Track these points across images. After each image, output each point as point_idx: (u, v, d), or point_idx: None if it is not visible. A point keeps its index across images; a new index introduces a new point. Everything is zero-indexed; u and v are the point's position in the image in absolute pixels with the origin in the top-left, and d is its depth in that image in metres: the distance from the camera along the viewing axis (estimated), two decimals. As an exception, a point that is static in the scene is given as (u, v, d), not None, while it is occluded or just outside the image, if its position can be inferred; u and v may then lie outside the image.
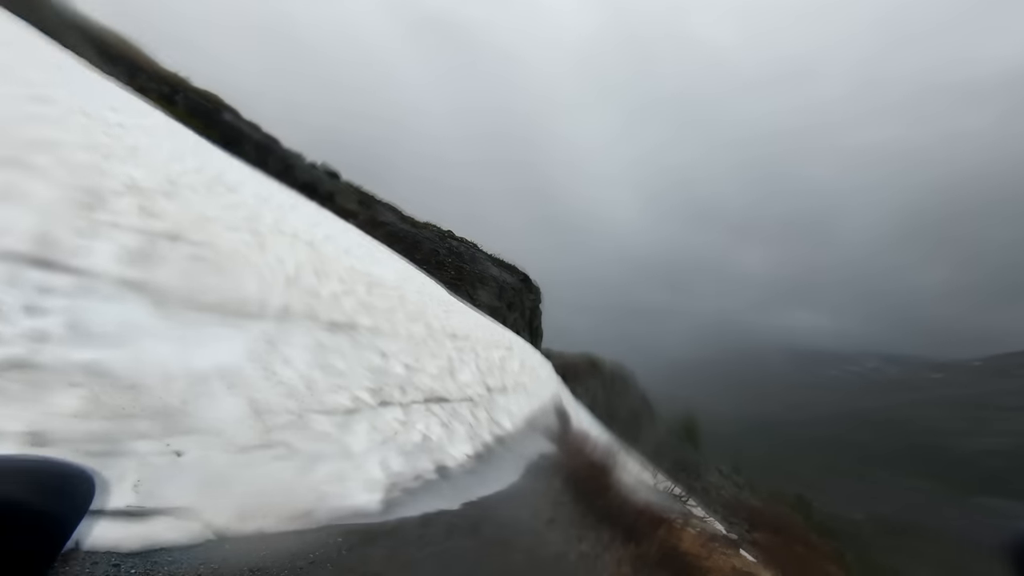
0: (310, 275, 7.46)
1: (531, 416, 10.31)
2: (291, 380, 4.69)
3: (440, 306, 14.64)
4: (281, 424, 4.05)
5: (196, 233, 6.06)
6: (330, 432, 4.46)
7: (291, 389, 4.57)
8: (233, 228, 7.22)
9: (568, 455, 8.39)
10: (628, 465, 10.95)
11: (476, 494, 5.37)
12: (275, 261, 7.00)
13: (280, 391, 4.43)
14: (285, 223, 10.33)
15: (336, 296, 7.40)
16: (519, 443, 8.26)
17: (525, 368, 14.74)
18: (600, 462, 8.44)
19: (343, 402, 5.03)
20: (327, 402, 4.82)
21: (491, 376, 10.33)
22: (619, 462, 9.46)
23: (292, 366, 4.91)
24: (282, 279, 6.54)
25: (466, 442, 6.60)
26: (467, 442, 6.63)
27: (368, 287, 9.29)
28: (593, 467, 7.98)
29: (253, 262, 6.35)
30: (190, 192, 7.91)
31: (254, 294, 5.51)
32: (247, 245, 6.84)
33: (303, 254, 8.53)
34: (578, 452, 8.82)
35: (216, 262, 5.63)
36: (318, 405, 4.68)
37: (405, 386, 6.62)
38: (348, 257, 11.31)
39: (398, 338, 7.89)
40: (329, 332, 6.16)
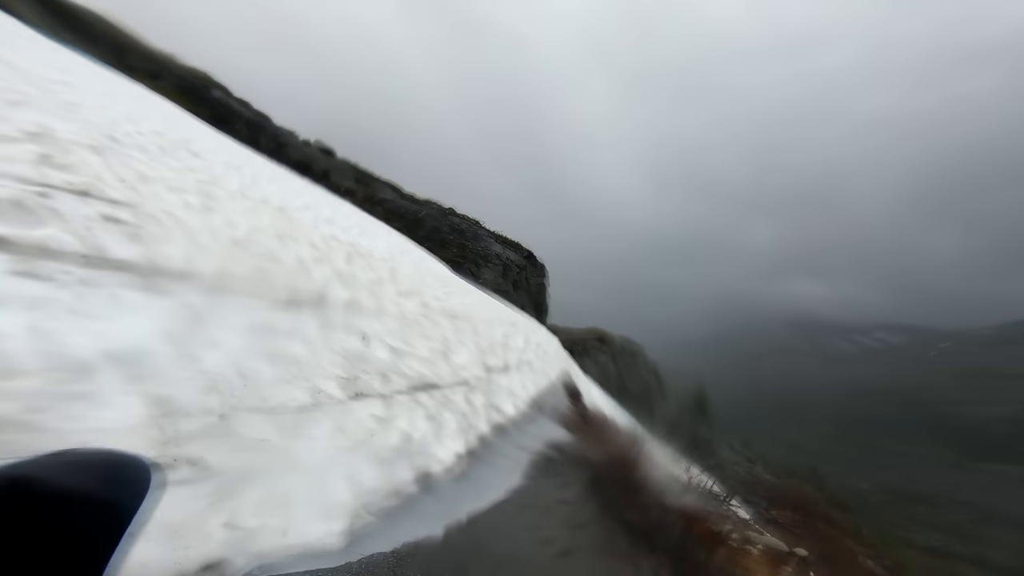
0: (270, 239, 6.23)
1: (537, 396, 9.15)
2: (219, 369, 3.50)
3: (439, 283, 13.44)
4: (190, 432, 2.87)
5: (119, 192, 4.85)
6: (269, 439, 3.27)
7: (216, 381, 3.39)
8: (176, 190, 5.98)
9: (584, 444, 7.23)
10: (655, 453, 9.80)
11: (466, 509, 4.22)
12: (223, 224, 5.78)
13: (199, 384, 3.25)
14: (253, 189, 9.08)
15: (303, 263, 6.18)
16: (523, 431, 7.11)
17: (530, 344, 13.56)
18: (624, 453, 7.28)
19: (296, 397, 3.85)
20: (271, 398, 3.64)
21: (492, 355, 9.15)
22: (646, 451, 8.33)
23: (223, 350, 3.71)
24: (226, 242, 5.32)
25: (457, 437, 5.44)
26: (458, 437, 5.47)
27: (348, 257, 8.06)
28: (617, 461, 6.81)
29: (190, 225, 5.13)
30: (136, 151, 6.67)
31: (177, 258, 4.30)
32: (188, 207, 5.61)
33: (267, 218, 7.29)
34: (596, 440, 7.66)
35: (135, 223, 4.42)
36: (256, 402, 3.49)
37: (389, 373, 5.44)
38: (330, 227, 10.07)
39: (385, 316, 6.69)
40: (286, 308, 4.96)
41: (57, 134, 5.42)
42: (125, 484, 0.50)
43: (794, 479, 44.64)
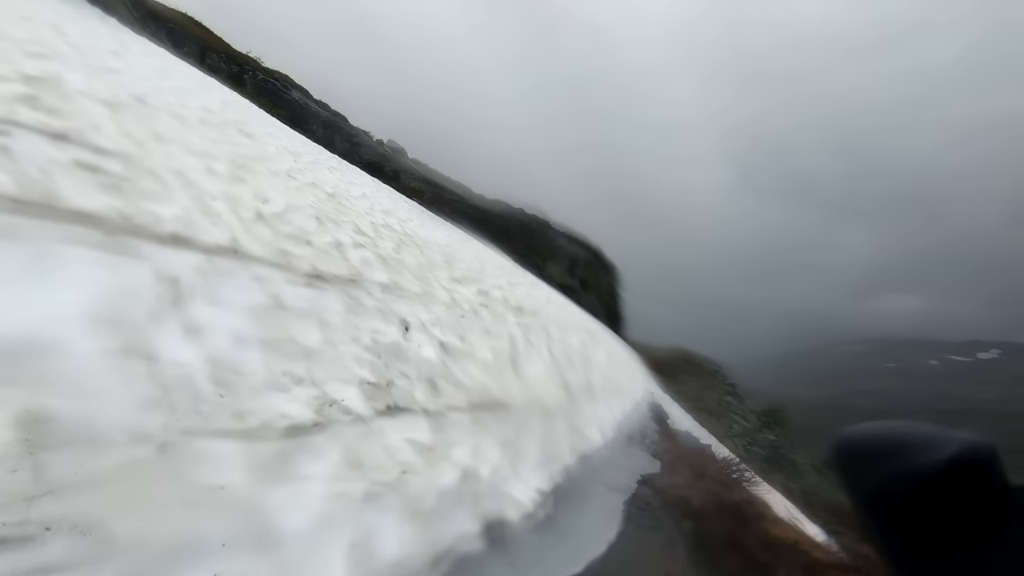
0: (307, 219, 5.16)
1: (624, 422, 7.64)
2: (182, 370, 2.35)
3: (502, 273, 12.19)
4: (81, 476, 1.70)
5: (114, 142, 3.91)
6: (229, 485, 2.06)
7: (171, 389, 2.23)
8: (201, 154, 5.05)
9: (681, 480, 5.65)
10: (767, 491, 7.98)
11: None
12: (251, 197, 4.76)
13: (138, 394, 2.10)
14: (306, 174, 8.20)
15: (340, 247, 5.05)
16: (611, 463, 5.65)
17: (613, 359, 11.99)
18: (734, 494, 5.63)
19: (291, 412, 2.63)
20: (251, 414, 2.43)
21: (571, 368, 7.71)
22: (757, 489, 6.63)
23: (201, 340, 2.57)
24: (248, 214, 4.26)
25: (537, 470, 4.09)
26: (539, 469, 4.11)
27: (399, 245, 6.92)
28: (727, 504, 5.20)
29: (203, 189, 4.12)
30: (166, 115, 5.87)
31: (169, 219, 3.24)
32: (209, 173, 4.63)
33: (311, 199, 6.29)
34: (694, 474, 6.05)
35: (123, 175, 3.43)
36: (226, 421, 2.30)
37: (439, 381, 4.17)
38: (385, 217, 9.06)
39: (433, 303, 5.44)
40: (306, 283, 3.81)
41: (64, 83, 4.62)
42: None
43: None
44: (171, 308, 2.64)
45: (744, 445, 33.45)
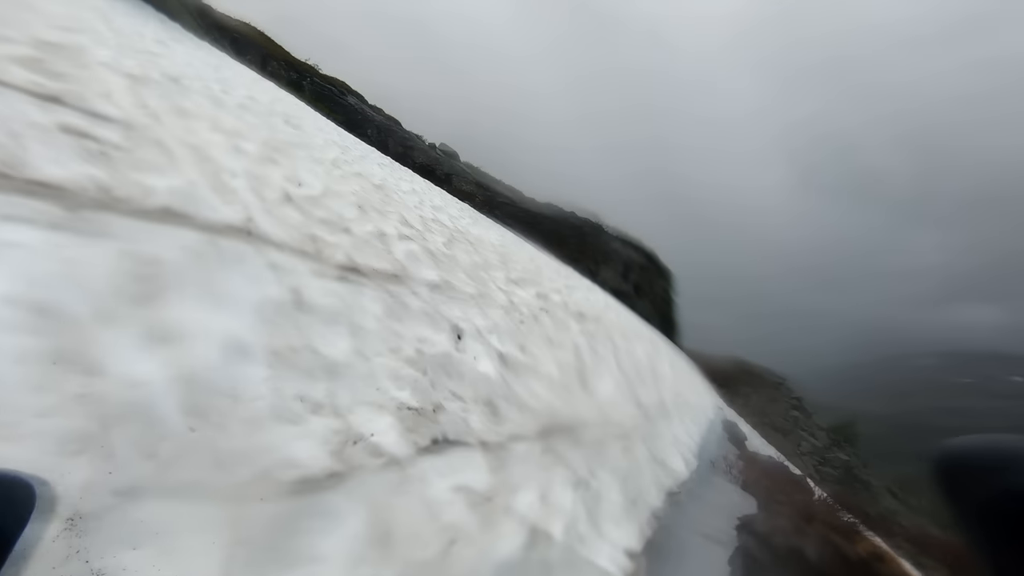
0: (347, 206, 4.47)
1: (703, 446, 6.57)
2: (149, 380, 1.62)
3: (559, 276, 11.29)
4: None
5: (121, 111, 3.32)
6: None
7: (126, 411, 1.50)
8: (227, 132, 4.45)
9: (790, 525, 4.57)
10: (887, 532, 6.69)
11: None
12: (282, 179, 4.10)
13: (82, 417, 1.38)
14: (353, 165, 7.62)
15: (383, 238, 4.31)
16: (700, 500, 4.65)
17: (678, 372, 10.85)
18: (857, 545, 4.50)
19: (302, 456, 1.84)
20: (239, 458, 1.66)
21: (641, 384, 6.72)
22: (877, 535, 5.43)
23: (180, 343, 1.84)
24: (274, 196, 3.58)
25: (622, 520, 3.18)
26: (624, 519, 3.20)
27: (450, 240, 6.16)
28: (853, 560, 4.10)
29: (219, 164, 3.47)
30: (199, 96, 5.37)
31: (163, 192, 2.56)
32: (233, 151, 4.01)
33: (355, 187, 5.63)
34: (804, 518, 4.94)
35: (119, 144, 2.81)
36: (199, 470, 1.55)
37: (499, 402, 3.33)
38: (437, 213, 8.37)
39: (490, 306, 4.62)
40: (338, 279, 3.05)
41: (86, 54, 4.13)
42: (5, 505, 0.43)
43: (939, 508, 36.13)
44: (138, 301, 1.91)
45: (814, 465, 31.00)
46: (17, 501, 0.45)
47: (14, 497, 0.46)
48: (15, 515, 0.44)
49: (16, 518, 0.44)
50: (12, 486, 0.47)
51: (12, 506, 0.45)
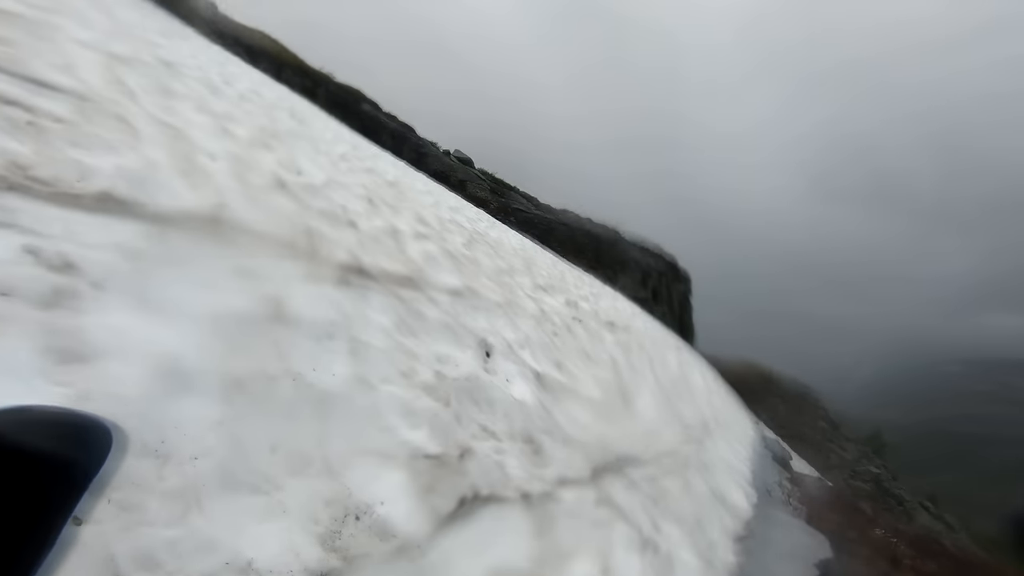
0: (353, 199, 3.84)
1: (755, 471, 5.84)
2: None
3: (583, 283, 10.60)
4: None
5: (82, 85, 2.73)
6: None
7: None
8: (212, 114, 3.86)
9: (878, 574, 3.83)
10: None
11: None
12: (277, 164, 3.48)
13: None
14: (364, 162, 7.03)
15: (396, 235, 3.67)
16: (772, 546, 3.91)
17: (708, 383, 10.08)
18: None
19: (265, 552, 1.20)
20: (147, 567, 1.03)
21: (680, 399, 6.01)
22: (922, 555, 4.65)
23: (84, 366, 1.21)
24: (263, 182, 2.95)
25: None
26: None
27: (470, 241, 5.51)
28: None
29: (194, 143, 2.86)
30: (194, 81, 4.80)
31: (107, 172, 1.95)
32: (219, 133, 3.41)
33: (364, 180, 5.02)
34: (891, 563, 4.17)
35: (64, 118, 2.22)
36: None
37: (539, 437, 2.64)
38: (454, 214, 7.74)
39: (519, 315, 3.95)
40: (337, 283, 2.40)
41: (59, 31, 3.56)
42: (84, 445, 0.46)
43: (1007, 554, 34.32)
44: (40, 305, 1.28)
45: (845, 479, 29.79)
46: (96, 442, 0.48)
47: (95, 438, 0.49)
48: (93, 454, 0.47)
49: (95, 457, 0.47)
50: (94, 428, 0.50)
51: (91, 446, 0.47)
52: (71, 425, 0.49)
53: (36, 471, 0.41)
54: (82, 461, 0.46)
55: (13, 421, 0.44)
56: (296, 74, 35.53)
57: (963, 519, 39.79)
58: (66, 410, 0.52)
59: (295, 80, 34.85)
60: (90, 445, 0.48)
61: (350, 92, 39.65)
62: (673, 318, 37.37)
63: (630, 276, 35.03)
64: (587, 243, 35.10)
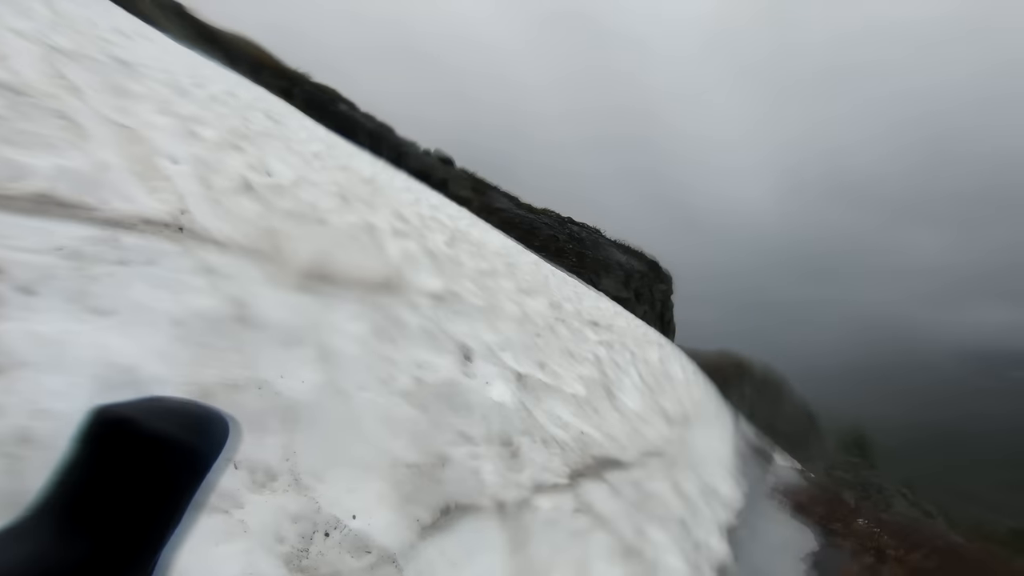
0: (326, 196, 3.73)
1: (737, 462, 5.87)
2: None
3: (566, 284, 10.58)
4: None
5: (17, 79, 2.59)
6: None
7: None
8: (177, 115, 3.71)
9: (866, 568, 3.85)
10: None
11: None
12: (245, 166, 3.36)
13: None
14: (340, 160, 6.89)
15: (372, 232, 3.57)
16: (757, 536, 3.91)
17: (690, 377, 10.13)
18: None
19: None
20: None
21: (663, 394, 5.99)
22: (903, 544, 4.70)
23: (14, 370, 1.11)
24: (227, 183, 2.83)
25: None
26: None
27: (452, 239, 5.42)
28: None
29: (152, 145, 2.73)
30: (152, 81, 4.60)
31: (42, 171, 1.83)
32: (176, 133, 3.28)
33: (338, 177, 4.90)
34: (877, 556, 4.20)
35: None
36: None
37: (516, 438, 2.58)
38: (435, 211, 7.65)
39: (501, 318, 3.88)
40: (301, 288, 2.30)
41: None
42: (207, 433, 0.50)
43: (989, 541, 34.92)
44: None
45: (826, 469, 30.27)
46: (216, 431, 0.51)
47: (214, 428, 0.51)
48: (213, 442, 0.50)
49: (216, 445, 0.50)
50: (215, 418, 0.52)
51: (212, 435, 0.51)
52: (195, 416, 0.53)
53: (167, 456, 0.46)
54: (204, 449, 0.50)
55: (149, 409, 0.48)
56: (274, 76, 34.96)
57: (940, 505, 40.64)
58: (191, 401, 0.55)
59: (272, 82, 34.30)
60: (211, 434, 0.52)
61: (326, 92, 39.15)
62: (655, 317, 37.61)
63: (613, 277, 35.16)
64: (570, 244, 35.17)
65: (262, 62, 34.63)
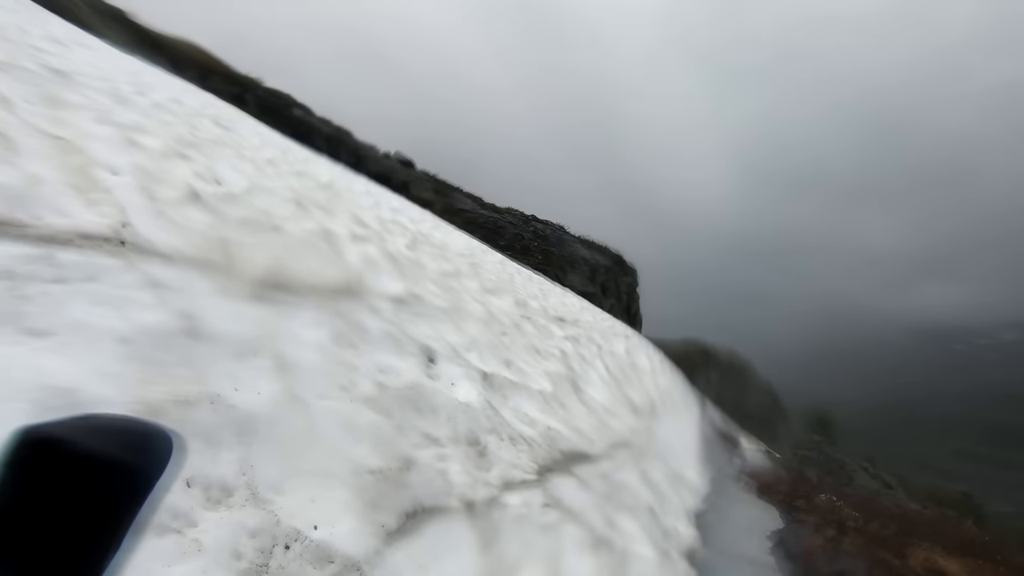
0: (281, 203, 3.65)
1: (703, 447, 6.03)
2: None
3: (531, 282, 10.64)
4: None
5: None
6: None
7: None
8: (116, 124, 3.55)
9: (828, 540, 4.02)
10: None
11: None
12: (192, 174, 3.26)
13: None
14: (296, 165, 6.75)
15: (330, 239, 3.52)
16: (728, 520, 4.03)
17: (656, 366, 10.33)
18: (907, 558, 3.96)
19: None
20: None
21: (629, 384, 6.10)
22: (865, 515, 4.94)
23: None
24: (173, 194, 2.74)
25: None
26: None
27: (413, 242, 5.39)
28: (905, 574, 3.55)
29: (89, 156, 2.62)
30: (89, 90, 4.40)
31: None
32: (116, 142, 3.16)
33: (293, 183, 4.80)
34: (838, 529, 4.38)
35: None
36: None
37: (483, 436, 2.59)
38: (396, 215, 7.57)
39: (466, 319, 3.88)
40: (255, 300, 2.24)
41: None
42: (147, 450, 0.48)
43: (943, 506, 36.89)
44: None
45: (791, 449, 31.35)
46: (158, 448, 0.49)
47: (156, 445, 0.49)
48: (156, 460, 0.48)
49: (157, 464, 0.48)
50: (156, 435, 0.50)
51: (154, 453, 0.49)
52: (133, 433, 0.51)
53: (103, 477, 0.43)
54: (145, 467, 0.48)
55: (81, 428, 0.45)
56: (223, 82, 33.83)
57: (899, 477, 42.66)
58: (130, 418, 0.53)
59: (222, 88, 33.22)
60: (153, 452, 0.50)
61: (280, 97, 38.14)
62: (622, 310, 38.14)
63: (579, 273, 35.47)
64: (535, 242, 35.33)
65: (210, 67, 33.49)
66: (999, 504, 68.27)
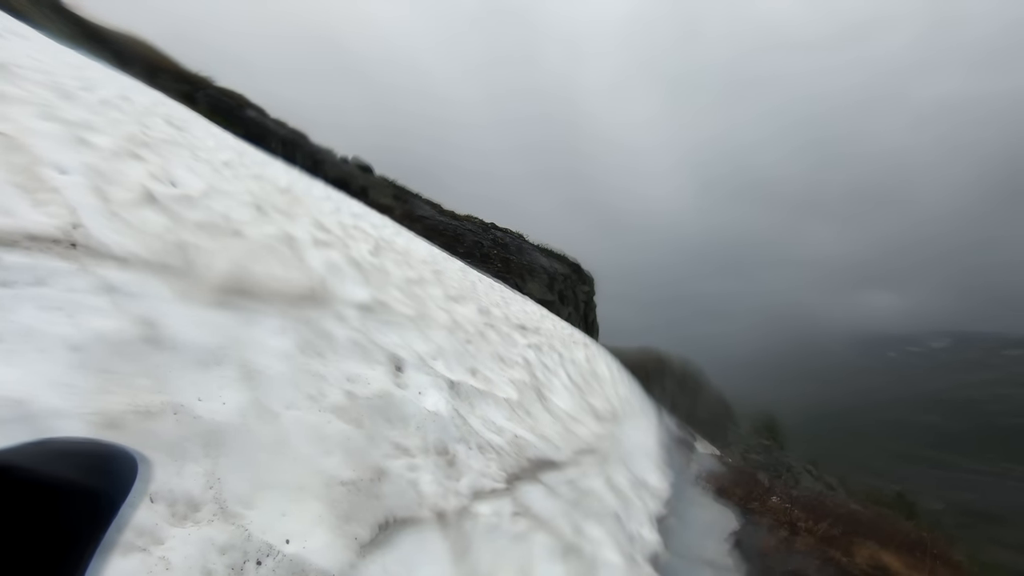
0: (239, 207, 3.53)
1: (660, 451, 6.17)
2: None
3: (493, 290, 10.65)
4: None
5: None
6: None
7: None
8: (62, 121, 3.37)
9: (781, 541, 4.18)
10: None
11: None
12: (147, 176, 3.11)
13: None
14: (252, 168, 6.54)
15: (292, 243, 3.43)
16: (688, 523, 4.13)
17: (615, 375, 10.52)
18: (853, 555, 4.16)
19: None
20: None
21: (592, 393, 6.19)
22: (862, 538, 5.19)
23: None
24: (126, 196, 2.62)
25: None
26: None
27: (376, 248, 5.31)
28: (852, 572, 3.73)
29: (34, 154, 2.47)
30: (34, 84, 4.16)
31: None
32: (63, 140, 2.99)
33: (252, 187, 4.65)
34: (791, 530, 4.56)
35: None
36: None
37: (453, 447, 2.56)
38: (357, 220, 7.44)
39: (431, 327, 3.84)
40: (217, 307, 2.16)
41: None
42: (110, 474, 0.47)
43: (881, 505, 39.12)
44: None
45: (742, 453, 32.47)
46: (122, 471, 0.48)
47: (119, 468, 0.48)
48: (119, 483, 0.47)
49: (121, 486, 0.47)
50: (120, 458, 0.49)
51: (117, 475, 0.47)
52: (96, 455, 0.49)
53: (64, 503, 0.41)
54: (108, 491, 0.46)
55: (33, 454, 0.44)
56: (173, 79, 32.50)
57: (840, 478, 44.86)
58: (90, 440, 0.51)
59: (171, 85, 31.88)
60: (115, 475, 0.48)
61: (232, 97, 36.95)
62: (579, 318, 38.70)
63: (537, 281, 35.79)
64: (494, 250, 35.41)
65: (158, 64, 32.11)
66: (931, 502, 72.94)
